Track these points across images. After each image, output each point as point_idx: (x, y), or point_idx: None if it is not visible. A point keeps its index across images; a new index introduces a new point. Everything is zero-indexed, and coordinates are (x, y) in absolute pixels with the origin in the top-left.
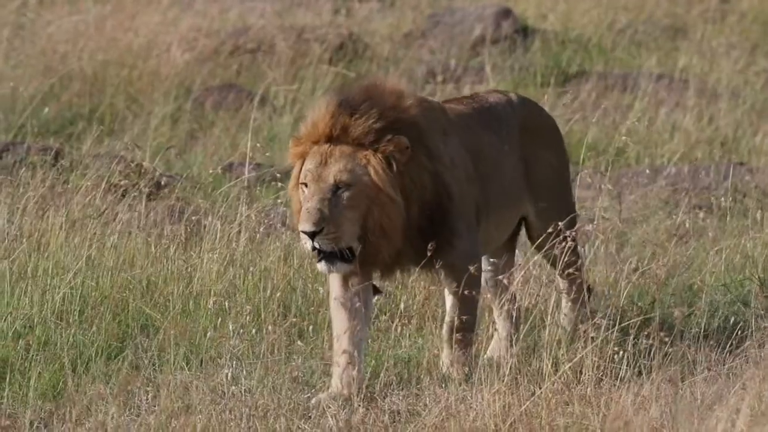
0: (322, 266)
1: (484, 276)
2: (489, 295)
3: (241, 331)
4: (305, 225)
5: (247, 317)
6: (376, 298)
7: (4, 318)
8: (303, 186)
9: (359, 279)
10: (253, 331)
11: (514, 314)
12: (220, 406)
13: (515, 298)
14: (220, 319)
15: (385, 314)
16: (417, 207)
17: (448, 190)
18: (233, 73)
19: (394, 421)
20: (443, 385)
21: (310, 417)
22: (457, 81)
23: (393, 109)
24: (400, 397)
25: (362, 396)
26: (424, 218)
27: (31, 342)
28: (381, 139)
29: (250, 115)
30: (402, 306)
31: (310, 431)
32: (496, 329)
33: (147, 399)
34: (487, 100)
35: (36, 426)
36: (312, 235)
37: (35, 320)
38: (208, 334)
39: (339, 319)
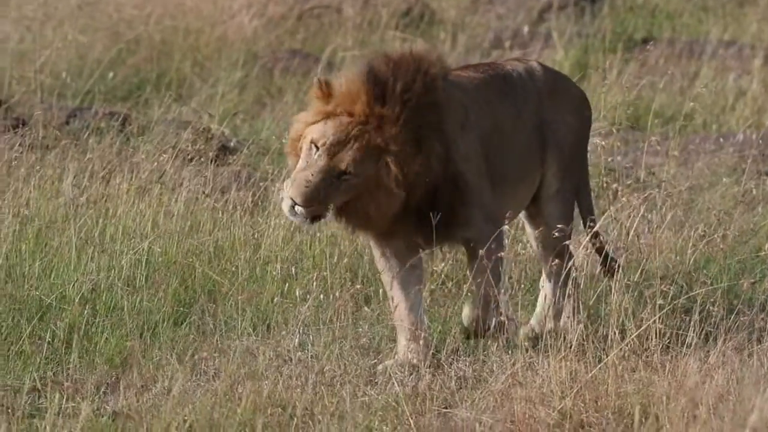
0: (289, 215)
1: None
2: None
3: (308, 297)
4: (297, 197)
5: (314, 283)
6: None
7: (71, 284)
8: (313, 145)
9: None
10: (320, 297)
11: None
12: (286, 373)
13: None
14: (287, 285)
15: (452, 280)
16: (419, 194)
17: (464, 177)
18: (301, 39)
19: (461, 388)
20: (509, 352)
21: (376, 383)
22: (524, 47)
23: (417, 94)
24: (467, 364)
25: (428, 363)
26: (436, 203)
27: (97, 308)
28: (407, 146)
29: None
30: (469, 272)
31: (376, 397)
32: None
33: (213, 365)
34: (504, 68)
35: (102, 392)
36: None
37: (102, 286)
38: (275, 300)
39: (396, 291)
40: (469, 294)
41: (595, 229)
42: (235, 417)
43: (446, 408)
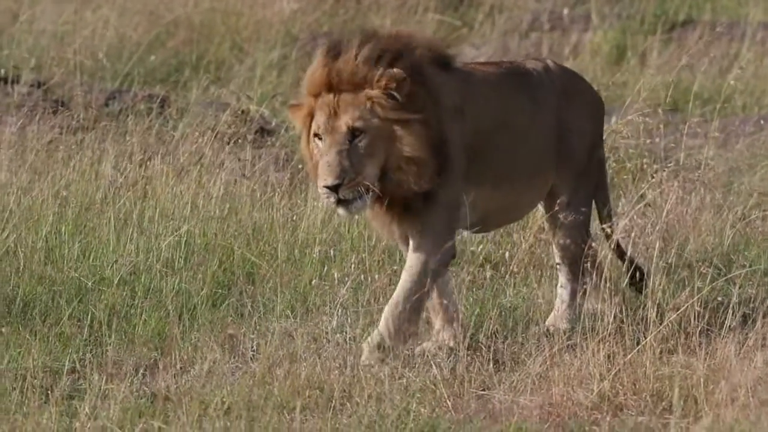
0: (342, 212)
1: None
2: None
3: (346, 279)
4: (327, 179)
5: (352, 265)
6: None
7: (110, 265)
8: (317, 138)
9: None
10: (359, 279)
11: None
12: (324, 355)
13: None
14: (325, 267)
15: (490, 262)
16: (434, 122)
17: (448, 160)
18: (339, 21)
19: (499, 370)
20: (548, 335)
21: (414, 366)
22: (563, 29)
23: (387, 51)
24: (505, 346)
25: (466, 344)
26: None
27: (136, 289)
28: (373, 71)
29: None
30: (507, 255)
31: (414, 379)
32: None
33: (251, 347)
34: (523, 65)
35: (141, 373)
36: (335, 188)
37: (141, 268)
38: (313, 282)
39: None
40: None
41: (614, 238)
42: (273, 399)
43: (484, 390)
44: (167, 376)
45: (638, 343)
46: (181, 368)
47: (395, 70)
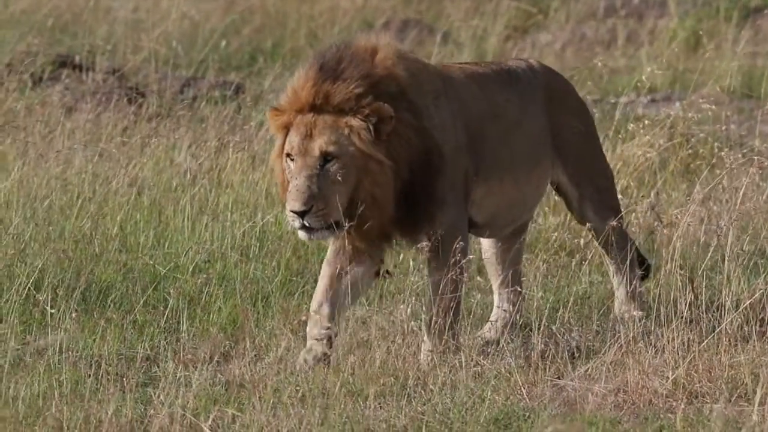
0: (303, 236)
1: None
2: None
3: (420, 267)
4: (294, 204)
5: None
6: (382, 279)
7: (184, 253)
8: (288, 159)
9: (356, 257)
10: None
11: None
12: (399, 342)
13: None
14: (401, 256)
15: (565, 250)
16: (407, 166)
17: (439, 150)
18: (414, 9)
19: (573, 358)
20: (622, 322)
21: (488, 353)
22: (638, 15)
23: (370, 67)
24: (579, 334)
25: (541, 332)
26: (413, 179)
27: (211, 277)
28: (361, 103)
29: (431, 51)
30: (582, 242)
31: (489, 367)
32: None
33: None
34: (506, 64)
35: (216, 360)
36: (302, 214)
37: (216, 255)
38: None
39: (321, 280)
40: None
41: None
42: (347, 386)
43: (558, 378)
44: (241, 363)
45: (713, 331)
46: (255, 356)
47: (384, 105)
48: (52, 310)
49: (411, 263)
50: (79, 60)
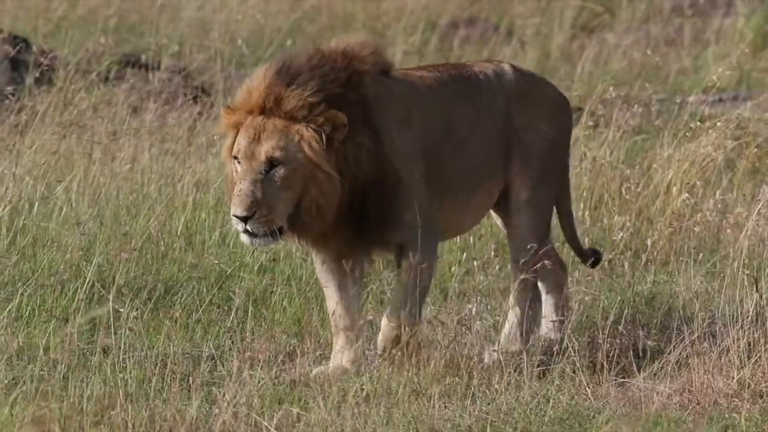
0: (246, 241)
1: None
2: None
3: (486, 267)
4: (237, 209)
5: (492, 253)
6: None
7: (249, 252)
8: (236, 161)
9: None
10: (497, 267)
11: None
12: (464, 342)
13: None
14: (464, 254)
15: (630, 250)
16: (357, 185)
17: (397, 174)
18: (480, 7)
19: (638, 357)
20: (687, 322)
21: (553, 352)
22: (704, 14)
23: (335, 82)
24: (644, 334)
25: (606, 332)
26: (366, 200)
27: (276, 276)
28: (315, 112)
29: (496, 50)
30: (649, 242)
31: (553, 366)
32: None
33: None
34: (470, 69)
35: (281, 360)
36: (244, 220)
37: (281, 255)
38: (453, 270)
39: (328, 291)
40: (388, 306)
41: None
42: (412, 386)
43: (623, 377)
44: (306, 362)
45: None
46: (320, 355)
47: (338, 114)
48: (121, 309)
49: (475, 263)
50: (145, 59)
